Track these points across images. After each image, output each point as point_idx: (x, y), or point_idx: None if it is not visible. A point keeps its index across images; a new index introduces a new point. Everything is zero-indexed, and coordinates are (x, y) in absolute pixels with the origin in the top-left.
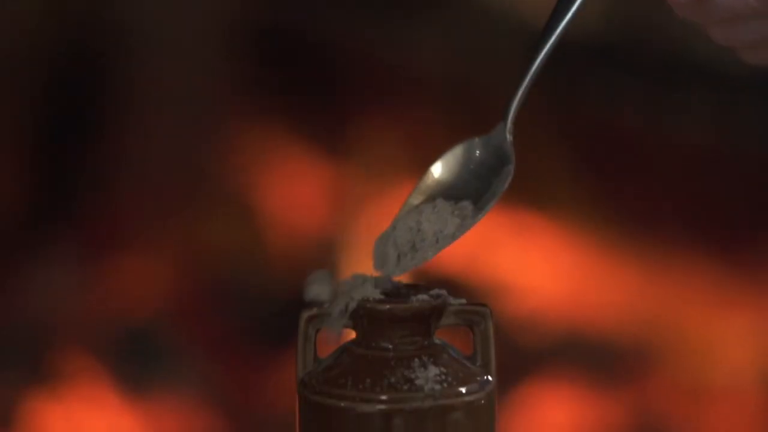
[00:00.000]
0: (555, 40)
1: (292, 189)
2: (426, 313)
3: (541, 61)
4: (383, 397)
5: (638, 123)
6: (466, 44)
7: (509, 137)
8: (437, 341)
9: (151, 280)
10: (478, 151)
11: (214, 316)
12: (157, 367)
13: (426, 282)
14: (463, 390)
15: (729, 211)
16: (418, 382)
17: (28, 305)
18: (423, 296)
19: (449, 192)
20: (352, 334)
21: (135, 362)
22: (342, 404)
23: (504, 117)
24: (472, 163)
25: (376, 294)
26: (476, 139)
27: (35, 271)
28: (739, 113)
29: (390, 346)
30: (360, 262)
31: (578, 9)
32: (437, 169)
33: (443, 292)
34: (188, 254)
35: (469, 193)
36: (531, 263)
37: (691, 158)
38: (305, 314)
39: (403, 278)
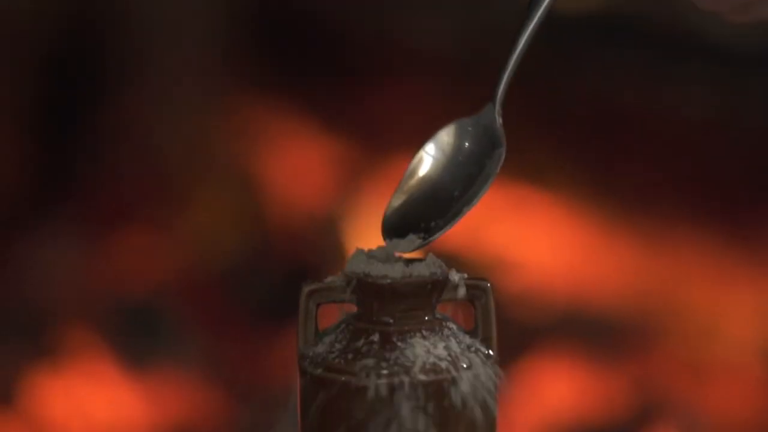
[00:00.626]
0: (537, 21)
1: (292, 164)
2: (427, 287)
3: (525, 42)
4: (384, 372)
5: (637, 98)
6: (468, 19)
7: (499, 119)
8: (438, 315)
9: (153, 255)
10: (467, 143)
11: (214, 291)
12: (158, 343)
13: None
14: (465, 364)
15: (729, 186)
16: (419, 356)
17: (29, 281)
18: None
19: (437, 185)
20: (354, 308)
21: (136, 337)
22: (343, 378)
23: (492, 99)
24: (461, 155)
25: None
26: (465, 121)
27: (36, 247)
28: (738, 88)
29: (391, 321)
30: (360, 237)
31: None
32: (424, 165)
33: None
34: (189, 230)
35: (460, 181)
36: (531, 238)
37: (690, 133)
38: (306, 288)
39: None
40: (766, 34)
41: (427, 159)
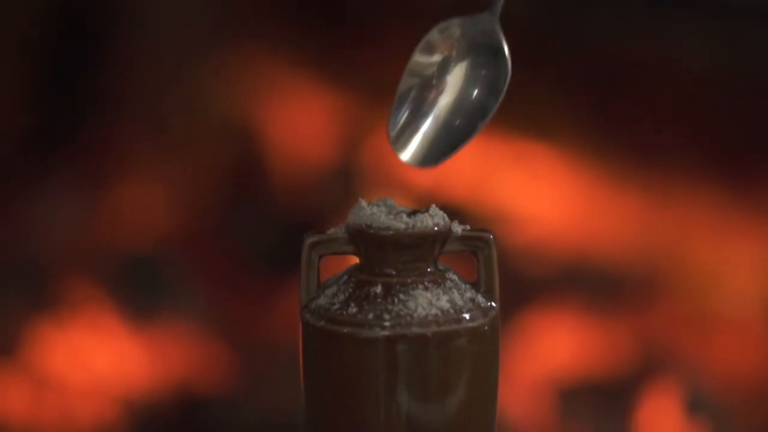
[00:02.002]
0: None
1: (295, 116)
2: (430, 238)
3: None
4: (386, 323)
5: (640, 50)
6: None
7: (499, 29)
8: (441, 267)
9: (154, 207)
10: (469, 50)
11: (217, 243)
12: (161, 295)
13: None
14: (467, 316)
15: (733, 139)
16: (421, 308)
17: (31, 234)
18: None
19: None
20: (356, 260)
21: (138, 290)
22: (345, 330)
23: (490, 9)
24: (465, 62)
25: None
26: (462, 22)
27: (38, 200)
28: (740, 40)
29: (393, 272)
30: (363, 190)
31: None
32: (425, 72)
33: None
34: (191, 182)
35: (471, 85)
36: (534, 191)
37: (694, 86)
38: (308, 240)
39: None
40: None
41: (425, 64)
